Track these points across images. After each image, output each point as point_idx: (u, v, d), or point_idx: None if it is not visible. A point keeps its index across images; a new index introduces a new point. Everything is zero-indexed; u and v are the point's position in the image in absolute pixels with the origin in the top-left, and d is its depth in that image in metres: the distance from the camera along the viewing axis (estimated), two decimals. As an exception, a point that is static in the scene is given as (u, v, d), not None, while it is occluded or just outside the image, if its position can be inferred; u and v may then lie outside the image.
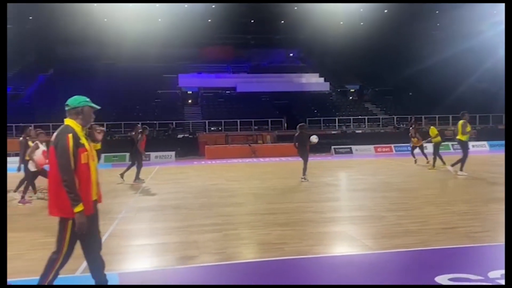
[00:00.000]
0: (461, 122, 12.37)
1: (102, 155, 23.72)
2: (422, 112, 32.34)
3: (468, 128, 12.43)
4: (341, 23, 39.14)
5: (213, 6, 35.98)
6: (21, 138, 9.91)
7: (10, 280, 4.47)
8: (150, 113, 31.84)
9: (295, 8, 37.75)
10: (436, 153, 15.01)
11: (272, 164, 20.44)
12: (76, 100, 3.67)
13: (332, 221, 7.12)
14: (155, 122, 28.85)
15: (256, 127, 30.64)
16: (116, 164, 22.18)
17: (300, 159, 12.84)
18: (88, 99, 3.74)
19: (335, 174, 15.45)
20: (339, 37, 39.15)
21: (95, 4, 32.51)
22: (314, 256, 5.11)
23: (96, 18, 34.85)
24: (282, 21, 42.10)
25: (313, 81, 39.93)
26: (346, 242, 5.89)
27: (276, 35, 45.54)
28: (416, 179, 12.56)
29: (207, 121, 31.04)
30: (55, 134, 3.59)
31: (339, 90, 40.36)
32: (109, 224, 7.12)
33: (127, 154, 23.45)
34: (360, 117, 33.21)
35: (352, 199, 9.74)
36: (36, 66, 40.00)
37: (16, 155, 24.58)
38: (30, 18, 38.38)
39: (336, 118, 32.27)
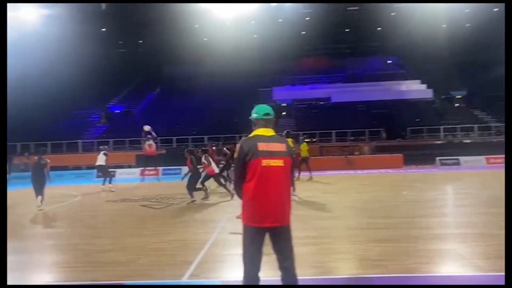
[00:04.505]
0: None
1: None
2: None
3: None
4: (444, 26, 36.65)
5: (307, 19, 36.18)
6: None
7: (125, 282, 4.88)
8: (246, 126, 32.84)
9: (392, 13, 36.33)
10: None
11: (371, 176, 19.70)
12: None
13: (438, 238, 6.62)
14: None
15: (352, 138, 29.84)
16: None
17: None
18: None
19: (441, 187, 14.37)
20: (441, 40, 36.66)
21: (196, 25, 34.74)
22: (420, 275, 4.79)
23: (197, 38, 37.20)
24: (379, 28, 40.76)
25: (414, 88, 37.83)
26: (455, 262, 5.43)
27: (373, 42, 44.20)
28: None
29: (301, 133, 31.02)
30: (284, 144, 3.55)
31: (443, 97, 37.64)
32: (211, 233, 7.45)
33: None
34: (468, 125, 30.54)
35: (460, 215, 8.96)
36: (146, 85, 43.85)
37: (129, 167, 27.03)
38: (140, 41, 42.34)
39: (441, 127, 30.09)
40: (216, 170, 12.59)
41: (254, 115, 3.70)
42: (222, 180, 12.68)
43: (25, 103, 30.88)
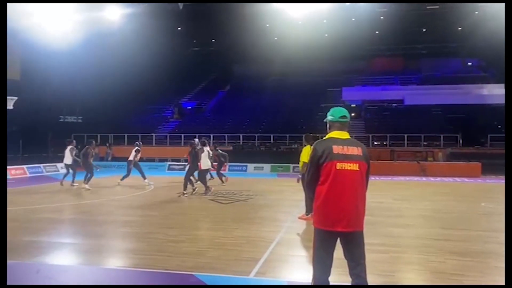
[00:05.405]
0: None
1: (269, 165, 25.22)
2: None
3: None
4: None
5: (382, 18, 34.99)
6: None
7: (196, 273, 5.06)
8: (314, 126, 32.54)
9: (476, 12, 33.98)
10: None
11: (445, 184, 18.64)
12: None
13: (522, 257, 6.10)
14: (318, 135, 29.26)
15: (425, 143, 28.39)
16: (282, 174, 23.27)
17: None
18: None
19: (524, 200, 13.22)
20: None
21: (267, 25, 35.01)
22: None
23: (268, 37, 37.47)
24: (460, 28, 38.33)
25: (496, 93, 35.02)
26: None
27: (452, 43, 41.65)
28: None
29: (370, 135, 30.14)
30: (360, 148, 3.49)
31: (530, 102, 34.59)
32: (276, 232, 7.49)
33: (291, 165, 24.53)
34: (559, 134, 27.77)
35: (549, 232, 8.17)
36: (217, 83, 45.08)
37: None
38: (213, 40, 43.54)
39: (526, 135, 27.69)
40: (203, 167, 13.06)
41: (329, 117, 3.65)
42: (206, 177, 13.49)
43: (105, 98, 33.12)
